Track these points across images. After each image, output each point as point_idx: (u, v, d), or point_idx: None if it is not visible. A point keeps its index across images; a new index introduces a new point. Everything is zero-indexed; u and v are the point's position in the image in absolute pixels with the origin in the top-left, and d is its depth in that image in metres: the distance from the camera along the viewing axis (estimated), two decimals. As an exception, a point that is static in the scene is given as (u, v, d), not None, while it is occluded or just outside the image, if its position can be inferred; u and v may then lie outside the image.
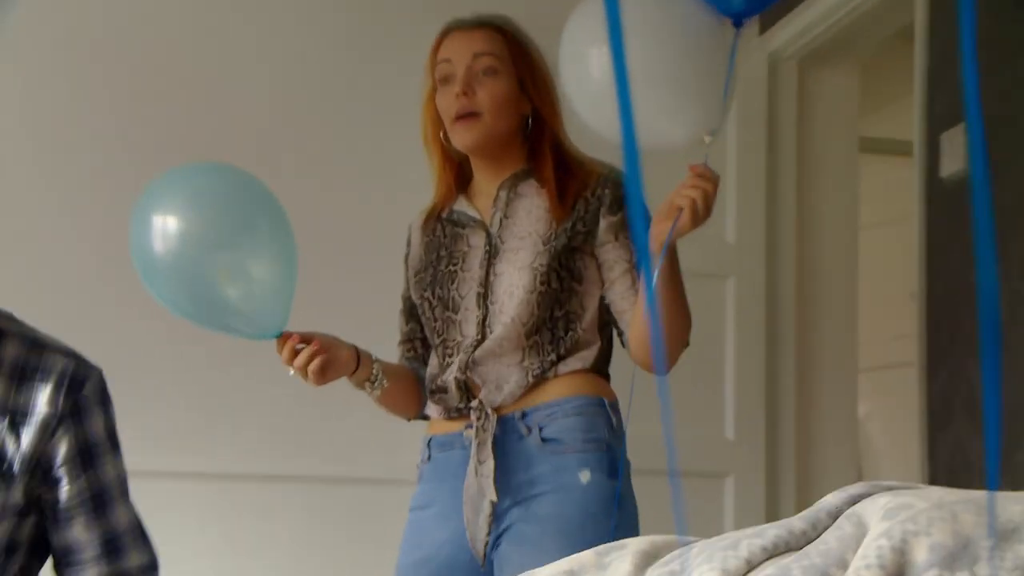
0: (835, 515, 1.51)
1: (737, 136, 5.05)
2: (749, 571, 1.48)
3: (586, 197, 3.06)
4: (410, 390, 3.22)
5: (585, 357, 3.06)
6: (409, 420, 3.31)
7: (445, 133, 3.08)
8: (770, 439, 5.05)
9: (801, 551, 1.46)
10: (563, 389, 3.04)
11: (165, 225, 2.84)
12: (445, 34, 3.06)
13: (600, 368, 3.10)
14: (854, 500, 1.52)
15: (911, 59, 4.35)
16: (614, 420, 3.04)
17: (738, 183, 5.02)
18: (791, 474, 5.13)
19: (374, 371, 3.05)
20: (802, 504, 3.65)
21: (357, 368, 2.97)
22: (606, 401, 3.05)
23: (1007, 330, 3.71)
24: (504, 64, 3.06)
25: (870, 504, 1.50)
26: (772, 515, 4.70)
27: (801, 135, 5.16)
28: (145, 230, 2.81)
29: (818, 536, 1.49)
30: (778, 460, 5.08)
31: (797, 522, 1.54)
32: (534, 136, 3.14)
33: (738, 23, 2.90)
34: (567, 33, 2.88)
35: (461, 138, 3.03)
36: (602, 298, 3.07)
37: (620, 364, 3.18)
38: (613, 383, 3.17)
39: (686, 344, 3.01)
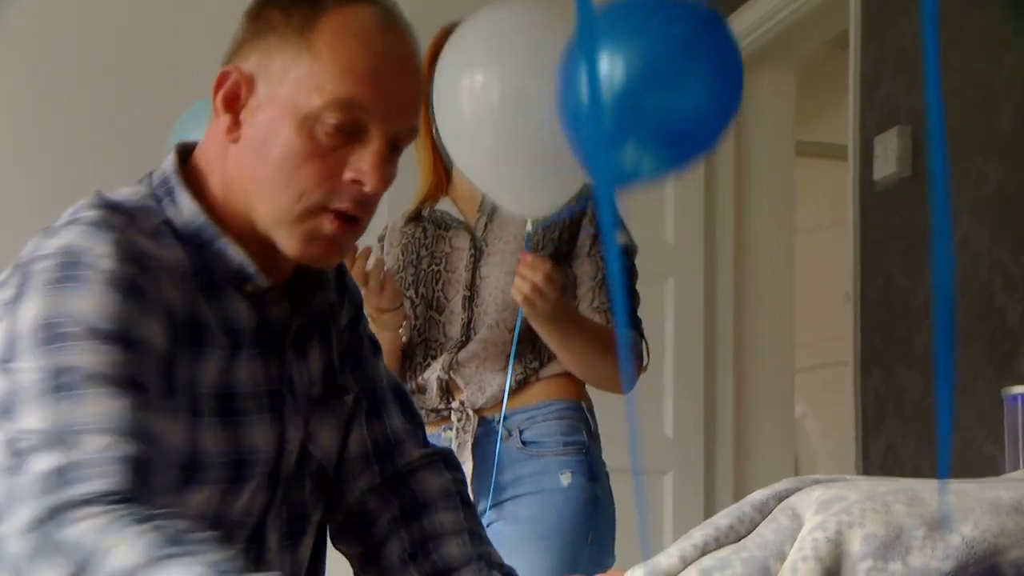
0: (760, 508, 1.54)
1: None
2: (683, 568, 1.52)
3: (571, 207, 3.08)
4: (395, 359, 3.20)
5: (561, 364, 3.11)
6: None
7: (436, 131, 3.08)
8: (708, 437, 5.17)
9: (739, 543, 1.49)
10: (544, 393, 3.15)
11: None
12: (444, 36, 3.01)
13: None
14: (780, 495, 1.55)
15: (846, 66, 4.44)
16: (592, 424, 3.13)
17: (676, 185, 5.06)
18: (729, 472, 5.19)
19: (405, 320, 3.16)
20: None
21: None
22: (584, 405, 3.14)
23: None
24: None
25: (804, 497, 1.53)
26: (710, 511, 4.77)
27: (739, 138, 5.23)
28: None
29: (747, 530, 1.51)
30: (716, 458, 5.21)
31: (722, 519, 1.56)
32: None
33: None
34: (442, 61, 2.97)
35: None
36: None
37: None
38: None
39: (642, 366, 3.13)
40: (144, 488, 1.40)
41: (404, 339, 3.32)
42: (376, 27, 1.64)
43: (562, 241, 3.15)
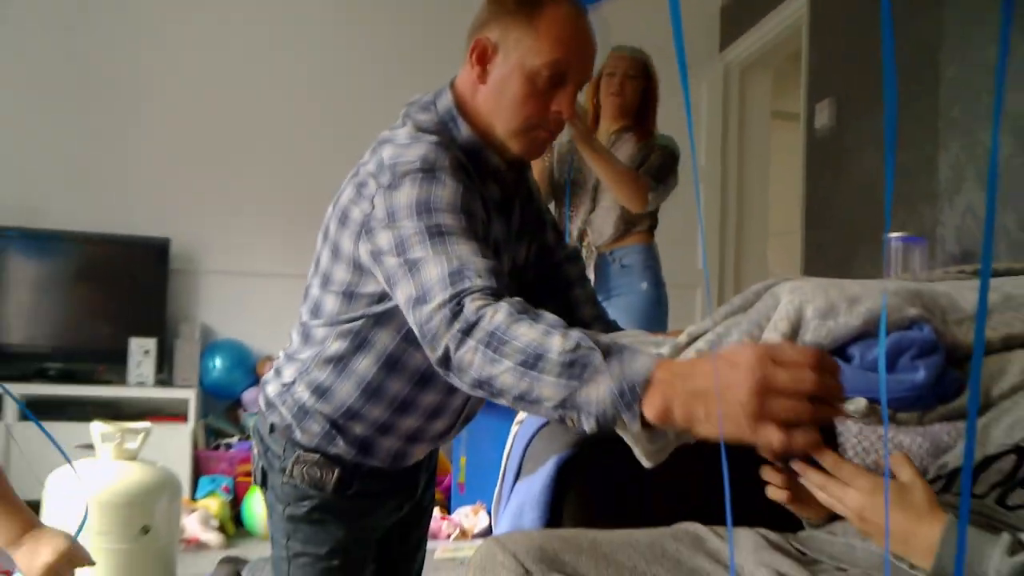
0: (759, 292, 1.68)
1: (708, 108, 5.21)
2: (711, 328, 1.65)
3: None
4: None
5: (644, 224, 3.50)
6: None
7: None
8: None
9: (736, 318, 1.64)
10: (632, 240, 3.49)
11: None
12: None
13: (651, 230, 3.54)
14: (769, 286, 1.68)
15: (799, 68, 4.51)
16: (656, 257, 3.51)
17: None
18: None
19: None
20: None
21: None
22: (653, 247, 3.52)
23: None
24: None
25: (781, 287, 1.67)
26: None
27: (741, 112, 5.26)
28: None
29: (751, 304, 1.65)
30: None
31: (737, 299, 1.69)
32: None
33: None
34: None
35: None
36: None
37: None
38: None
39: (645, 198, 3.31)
40: (501, 285, 1.35)
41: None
42: (572, 18, 1.61)
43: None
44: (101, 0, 4.87)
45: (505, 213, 1.70)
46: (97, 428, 3.06)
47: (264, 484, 1.71)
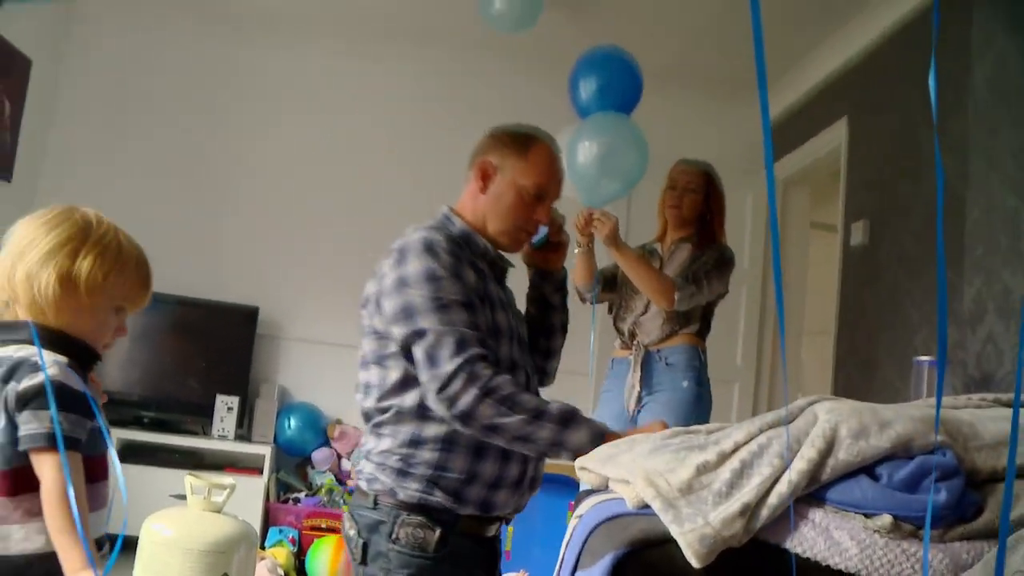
0: (801, 408, 1.69)
1: (752, 217, 5.28)
2: (754, 437, 1.64)
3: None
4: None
5: (692, 327, 3.42)
6: (581, 298, 3.45)
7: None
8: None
9: (782, 430, 1.63)
10: (679, 340, 3.41)
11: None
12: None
13: (700, 333, 3.45)
14: (811, 402, 1.70)
15: (837, 186, 4.54)
16: (703, 357, 3.43)
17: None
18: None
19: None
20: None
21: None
22: (699, 348, 3.43)
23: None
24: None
25: (820, 405, 1.68)
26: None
27: (783, 222, 5.32)
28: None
29: (792, 419, 1.66)
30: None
31: (781, 412, 1.69)
32: None
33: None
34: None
35: None
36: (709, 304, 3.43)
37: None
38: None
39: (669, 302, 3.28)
40: (487, 348, 1.76)
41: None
42: (552, 154, 2.01)
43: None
44: (205, 99, 5.12)
45: (499, 284, 2.01)
46: (189, 481, 3.17)
47: (364, 560, 1.83)
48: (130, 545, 3.21)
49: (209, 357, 4.85)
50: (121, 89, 5.07)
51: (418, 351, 1.75)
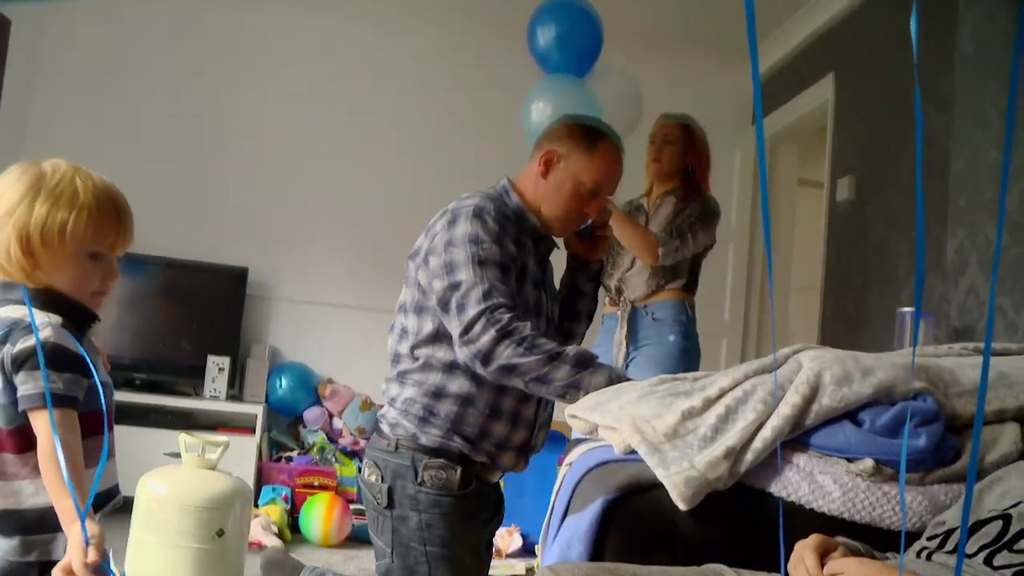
0: (786, 356, 1.79)
1: (739, 175, 5.28)
2: (739, 384, 1.72)
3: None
4: None
5: (679, 282, 3.44)
6: None
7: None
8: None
9: (767, 376, 1.73)
10: (665, 295, 3.44)
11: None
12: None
13: (688, 288, 3.47)
14: (795, 351, 1.80)
15: (824, 142, 4.55)
16: (690, 312, 3.47)
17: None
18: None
19: None
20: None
21: None
22: (686, 302, 3.46)
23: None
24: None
25: (804, 353, 1.78)
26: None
27: (770, 179, 5.30)
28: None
29: (778, 367, 1.77)
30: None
31: (766, 360, 1.82)
32: None
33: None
34: None
35: None
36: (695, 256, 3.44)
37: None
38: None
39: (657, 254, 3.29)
40: (515, 303, 1.85)
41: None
42: (615, 153, 2.09)
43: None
44: (197, 60, 5.10)
45: (539, 262, 2.10)
46: (183, 439, 3.20)
47: (391, 504, 1.94)
48: (126, 503, 3.24)
49: (199, 318, 4.86)
50: (106, 49, 5.02)
51: (452, 302, 1.85)
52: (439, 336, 1.94)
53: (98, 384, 1.48)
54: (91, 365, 1.45)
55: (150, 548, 3.02)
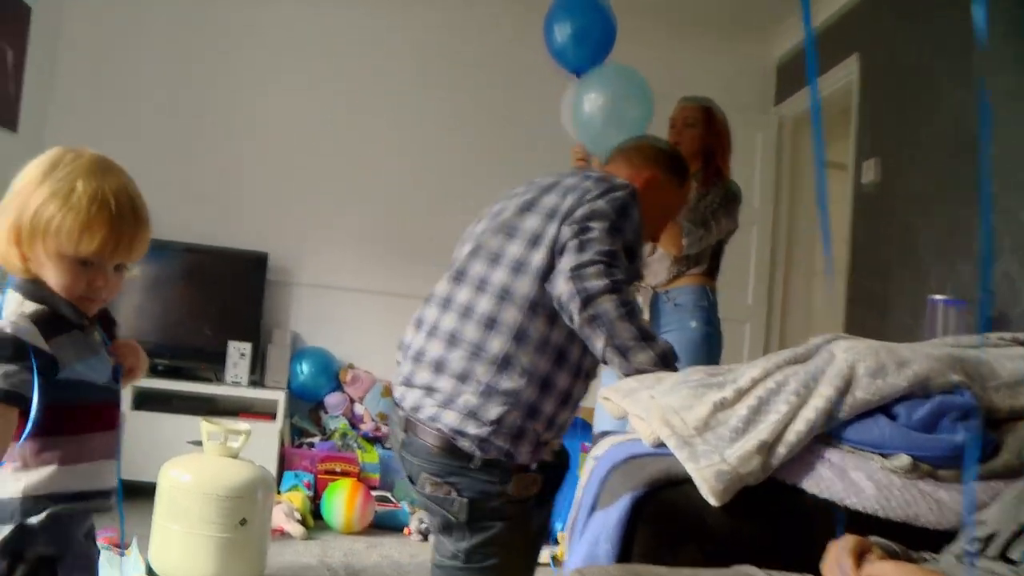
0: (818, 346, 1.77)
1: (762, 157, 5.22)
2: (770, 374, 1.68)
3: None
4: None
5: (700, 267, 3.38)
6: None
7: None
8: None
9: (800, 366, 1.69)
10: (686, 281, 3.38)
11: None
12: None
13: (709, 273, 3.40)
14: (828, 340, 1.78)
15: (848, 124, 4.47)
16: (712, 297, 3.40)
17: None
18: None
19: None
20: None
21: None
22: (708, 288, 3.40)
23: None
24: None
25: (837, 344, 1.76)
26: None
27: (793, 161, 5.27)
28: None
29: (810, 357, 1.74)
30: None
31: (798, 350, 1.80)
32: None
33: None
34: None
35: None
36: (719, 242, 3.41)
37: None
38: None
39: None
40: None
41: None
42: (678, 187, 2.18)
43: None
44: (217, 45, 5.05)
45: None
46: (205, 427, 3.20)
47: (472, 518, 1.77)
48: (148, 491, 3.25)
49: (220, 304, 4.84)
50: (126, 35, 4.98)
51: (575, 240, 1.78)
52: (537, 306, 1.78)
53: (82, 382, 1.43)
54: (60, 364, 1.37)
55: (173, 536, 3.05)
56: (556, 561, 3.87)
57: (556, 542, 3.95)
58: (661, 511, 1.53)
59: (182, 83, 5.01)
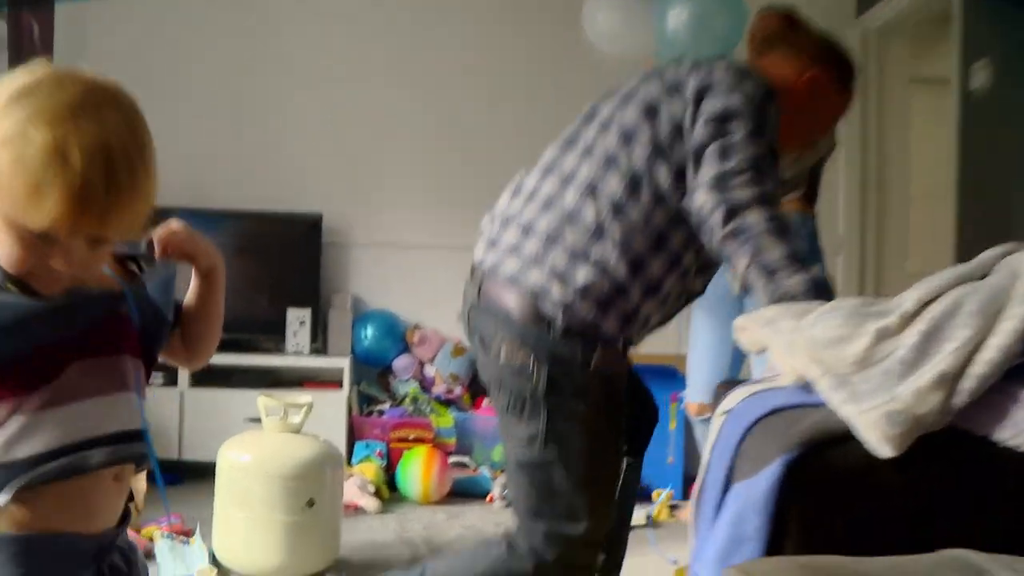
0: (993, 260, 1.45)
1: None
2: (938, 296, 1.38)
3: None
4: None
5: (796, 193, 3.17)
6: None
7: None
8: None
9: (974, 286, 1.37)
10: (787, 208, 3.04)
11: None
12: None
13: (808, 198, 3.21)
14: (1005, 253, 1.46)
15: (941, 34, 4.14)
16: (812, 225, 3.20)
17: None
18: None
19: None
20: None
21: None
22: (808, 215, 3.20)
23: None
24: None
25: (1017, 256, 1.44)
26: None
27: (880, 78, 4.86)
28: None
29: (985, 274, 1.42)
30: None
31: (971, 265, 1.46)
32: None
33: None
34: None
35: None
36: None
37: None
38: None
39: None
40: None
41: None
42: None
43: None
44: (253, 4, 4.86)
45: None
46: (263, 402, 2.93)
47: (551, 391, 1.65)
48: (209, 471, 3.01)
49: (275, 271, 4.59)
50: (161, 4, 4.73)
51: (716, 145, 1.59)
52: (642, 178, 1.64)
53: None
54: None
55: (235, 523, 2.79)
56: (653, 522, 3.66)
57: (650, 499, 3.76)
58: (821, 477, 1.20)
59: (223, 47, 4.75)
